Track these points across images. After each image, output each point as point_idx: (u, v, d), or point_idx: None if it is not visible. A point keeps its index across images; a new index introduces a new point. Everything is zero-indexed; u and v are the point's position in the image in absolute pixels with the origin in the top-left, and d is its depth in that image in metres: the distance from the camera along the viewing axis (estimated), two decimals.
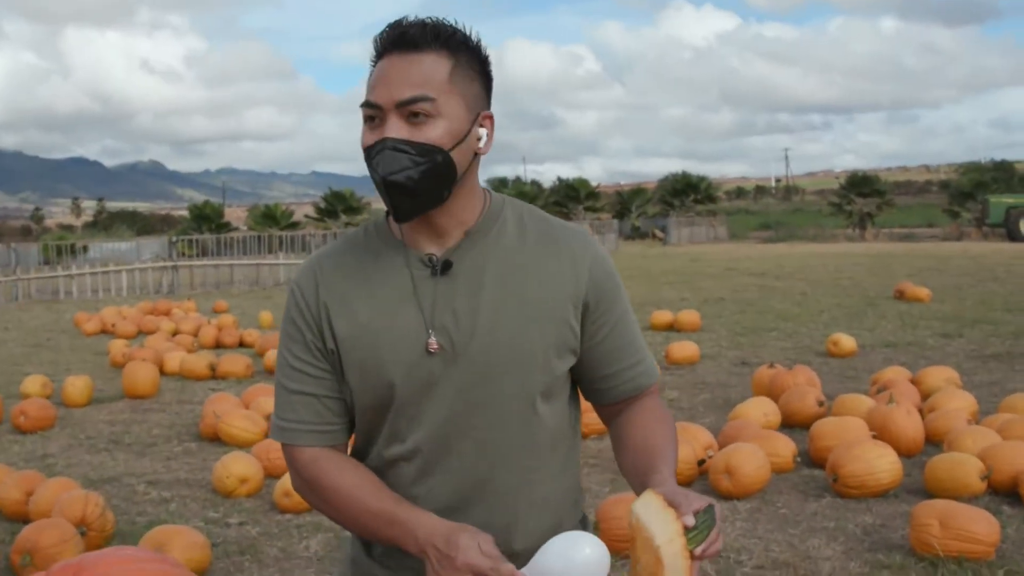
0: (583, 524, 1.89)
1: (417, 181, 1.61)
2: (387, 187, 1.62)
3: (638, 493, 1.66)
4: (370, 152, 1.64)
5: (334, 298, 1.73)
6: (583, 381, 1.84)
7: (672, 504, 1.52)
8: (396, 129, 1.61)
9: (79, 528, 4.64)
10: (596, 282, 1.76)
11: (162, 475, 6.34)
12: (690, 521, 1.50)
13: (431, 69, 1.63)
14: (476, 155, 1.69)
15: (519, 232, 1.76)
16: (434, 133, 1.62)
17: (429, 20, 1.66)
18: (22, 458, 6.92)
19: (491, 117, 1.71)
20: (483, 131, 1.69)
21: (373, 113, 1.64)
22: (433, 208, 1.67)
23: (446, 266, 1.70)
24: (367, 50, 1.70)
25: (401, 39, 1.64)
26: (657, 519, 1.48)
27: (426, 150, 1.61)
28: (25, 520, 5.14)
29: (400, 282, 1.72)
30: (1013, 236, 35.03)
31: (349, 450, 1.83)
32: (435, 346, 1.68)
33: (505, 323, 1.69)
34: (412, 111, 1.61)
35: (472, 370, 1.69)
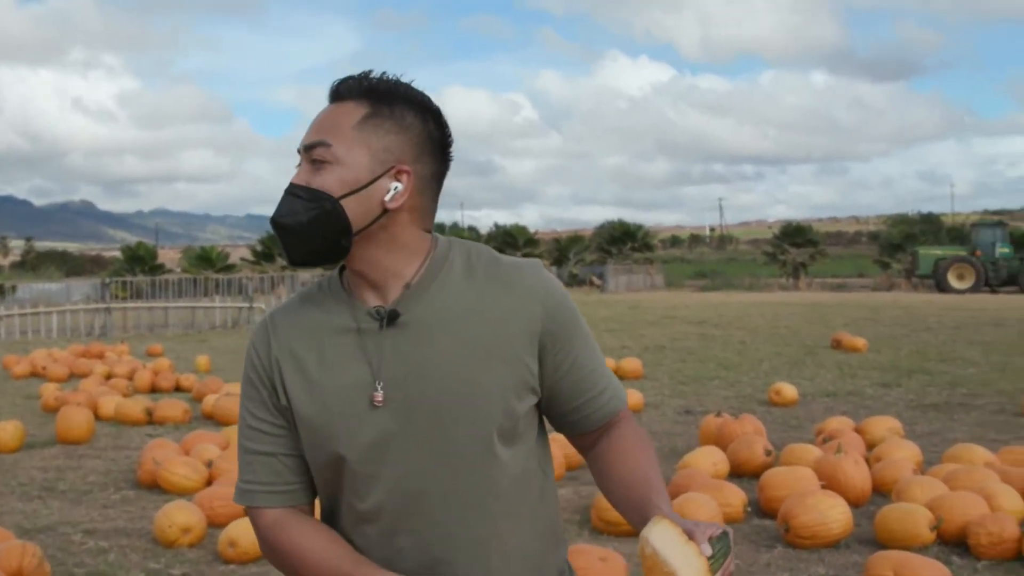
0: (569, 570, 1.84)
1: (303, 226, 1.62)
2: (275, 228, 1.65)
3: (635, 525, 1.63)
4: None
5: (285, 354, 1.70)
6: (552, 415, 1.80)
7: (689, 535, 1.49)
8: (301, 174, 1.64)
9: None
10: (551, 314, 1.71)
11: (99, 524, 6.13)
12: (708, 551, 1.47)
13: (340, 116, 1.64)
14: (386, 209, 1.64)
15: (467, 274, 1.71)
16: (326, 179, 1.62)
17: (370, 73, 1.66)
18: None
19: (409, 172, 1.64)
20: (395, 185, 1.64)
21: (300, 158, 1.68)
22: (335, 257, 1.66)
23: (392, 316, 1.65)
24: (303, 95, 1.71)
25: (335, 91, 1.68)
26: (680, 553, 1.45)
27: (315, 196, 1.61)
28: None
29: (348, 337, 1.68)
30: (942, 287, 35.83)
31: (317, 513, 1.78)
32: (379, 399, 1.64)
33: (458, 369, 1.64)
34: (312, 157, 1.63)
35: (428, 422, 1.65)
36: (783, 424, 9.12)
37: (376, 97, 1.65)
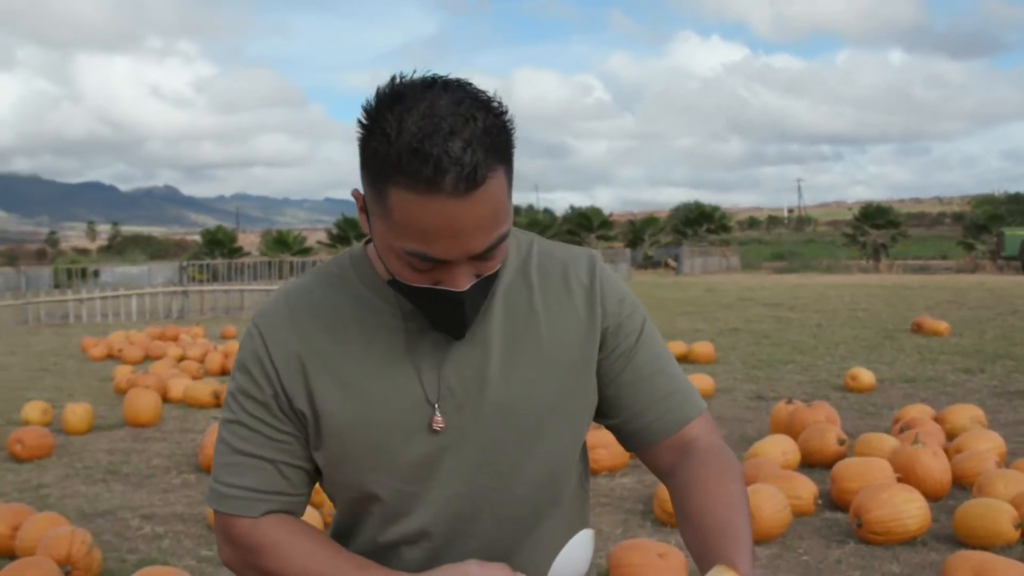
0: None
1: None
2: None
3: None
4: None
5: (310, 350, 1.43)
6: (616, 428, 1.57)
7: None
8: None
9: (64, 567, 4.43)
10: (609, 311, 1.51)
11: (158, 508, 6.11)
12: None
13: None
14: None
15: (521, 267, 1.50)
16: None
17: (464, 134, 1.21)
18: (16, 488, 6.71)
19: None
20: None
21: None
22: None
23: None
24: (377, 81, 1.30)
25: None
26: None
27: None
28: (11, 556, 4.93)
29: (391, 337, 1.43)
30: None
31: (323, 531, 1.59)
32: (440, 424, 1.41)
33: (521, 377, 1.44)
34: None
35: (486, 437, 1.43)
36: (859, 411, 8.79)
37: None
